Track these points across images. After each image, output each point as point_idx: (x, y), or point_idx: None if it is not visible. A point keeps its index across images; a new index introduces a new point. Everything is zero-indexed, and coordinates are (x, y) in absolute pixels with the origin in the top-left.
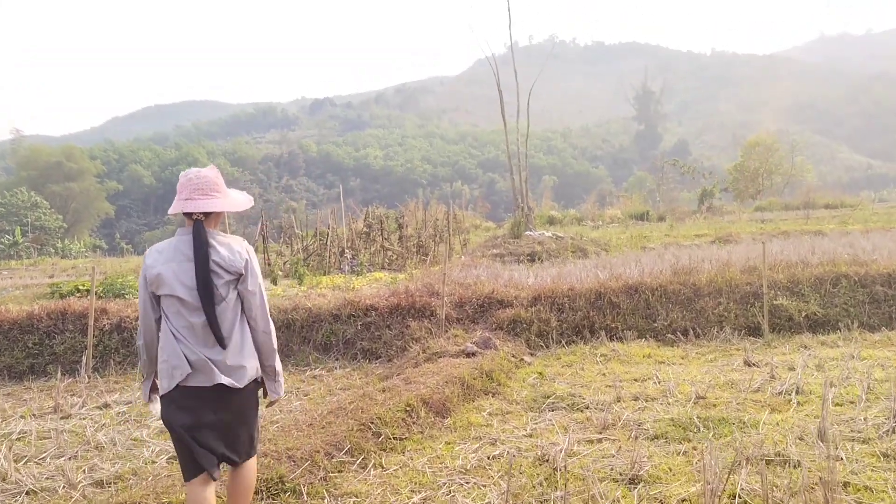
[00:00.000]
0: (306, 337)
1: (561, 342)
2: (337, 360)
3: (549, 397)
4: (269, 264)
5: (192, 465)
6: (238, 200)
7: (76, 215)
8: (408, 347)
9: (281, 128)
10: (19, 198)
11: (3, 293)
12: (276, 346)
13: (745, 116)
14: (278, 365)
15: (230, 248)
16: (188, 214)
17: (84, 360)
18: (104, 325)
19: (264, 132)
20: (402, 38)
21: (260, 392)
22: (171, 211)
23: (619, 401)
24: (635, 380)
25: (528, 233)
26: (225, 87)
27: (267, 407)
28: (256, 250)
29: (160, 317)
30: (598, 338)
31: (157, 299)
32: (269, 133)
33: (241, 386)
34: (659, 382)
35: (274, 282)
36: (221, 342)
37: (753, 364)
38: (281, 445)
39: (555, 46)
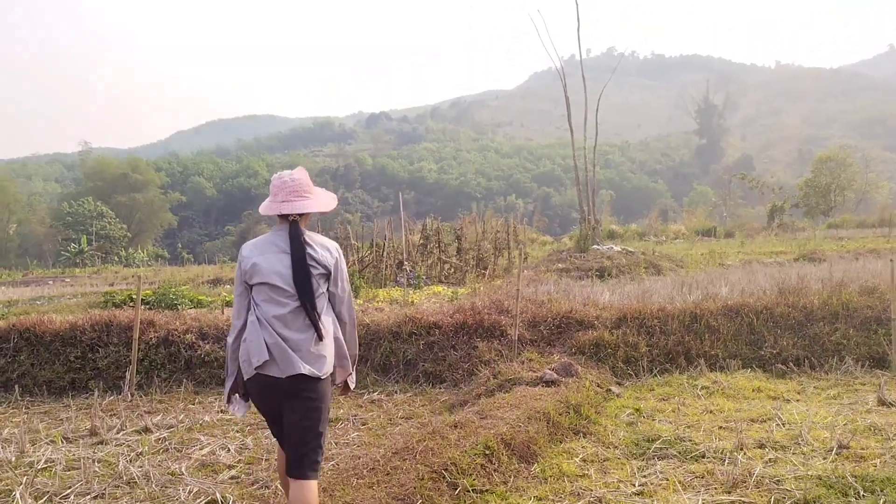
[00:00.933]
0: (364, 356)
1: (652, 371)
2: (397, 382)
3: (653, 441)
4: None
5: (278, 439)
6: (326, 200)
7: (140, 225)
8: (476, 371)
9: (338, 141)
10: (86, 207)
11: (59, 301)
12: (356, 337)
13: (811, 132)
14: (355, 356)
15: (323, 246)
16: (283, 215)
17: (127, 377)
18: (150, 338)
19: (322, 146)
20: (459, 52)
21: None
22: (264, 212)
23: (741, 448)
24: (752, 420)
25: (595, 247)
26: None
27: (340, 394)
28: None
29: (249, 309)
30: (695, 366)
31: (249, 290)
32: (326, 146)
33: (321, 375)
34: (783, 425)
35: None
36: (318, 329)
37: (891, 403)
38: (339, 499)
39: (614, 59)
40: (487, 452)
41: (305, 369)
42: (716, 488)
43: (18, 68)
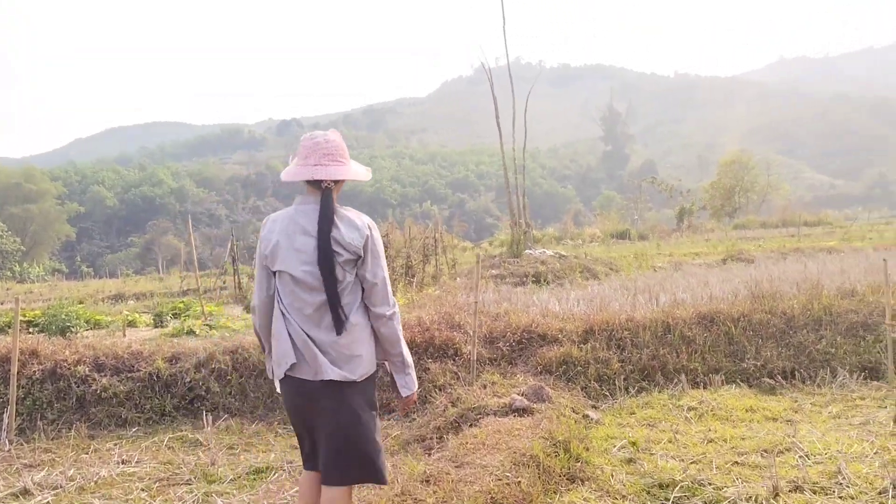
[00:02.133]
0: None
1: (629, 390)
2: None
3: (666, 486)
4: (240, 288)
5: (305, 457)
6: (362, 170)
7: (35, 238)
8: (430, 398)
9: (248, 149)
10: None
11: None
12: (401, 333)
13: (709, 138)
14: (407, 354)
15: (351, 223)
16: (314, 182)
17: (4, 421)
18: (33, 372)
19: (231, 153)
20: (371, 58)
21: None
22: (290, 177)
23: (776, 495)
24: (766, 451)
25: (528, 252)
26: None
27: (402, 412)
28: (225, 272)
29: (273, 294)
30: (675, 383)
31: (272, 275)
32: (235, 154)
33: (356, 378)
34: (808, 457)
35: (247, 309)
36: (340, 326)
37: None
38: None
39: (522, 68)
40: None
41: (335, 374)
42: None
43: None
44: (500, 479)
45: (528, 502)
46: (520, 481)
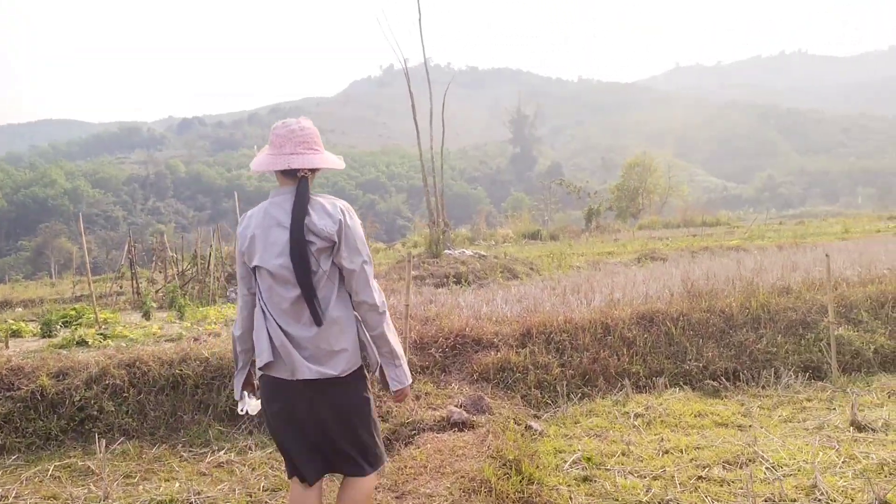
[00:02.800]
0: (202, 401)
1: (570, 397)
2: (251, 433)
3: None
4: (138, 293)
5: (290, 465)
6: (335, 159)
7: None
8: None
9: (147, 148)
10: None
11: None
12: (388, 322)
13: (611, 141)
14: (396, 345)
15: (323, 208)
16: (288, 172)
17: None
18: None
19: (129, 152)
20: (277, 57)
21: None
22: (261, 168)
23: None
24: (729, 462)
25: (447, 252)
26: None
27: (396, 402)
28: (122, 277)
29: (254, 292)
30: (618, 388)
31: (252, 273)
32: (134, 153)
33: (336, 373)
34: (774, 468)
35: (147, 316)
36: (317, 319)
37: (866, 426)
38: None
39: (431, 70)
40: None
41: (312, 373)
42: None
43: None
44: None
45: None
46: None
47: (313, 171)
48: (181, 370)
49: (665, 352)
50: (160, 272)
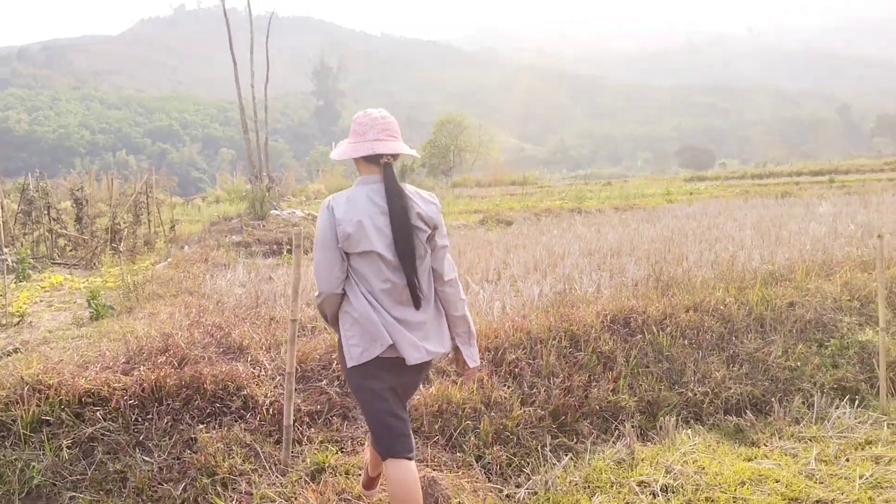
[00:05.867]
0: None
1: (548, 453)
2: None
3: None
4: None
5: (392, 441)
6: (408, 148)
7: None
8: None
9: None
10: None
11: None
12: (465, 298)
13: (416, 98)
14: (471, 322)
15: (422, 197)
16: (371, 158)
17: None
18: None
19: None
20: None
21: None
22: (347, 155)
23: None
24: None
25: (274, 212)
26: None
27: (464, 383)
28: None
29: (344, 278)
30: (609, 432)
31: (346, 256)
32: None
33: (445, 350)
34: None
35: None
36: (417, 303)
37: None
38: None
39: (227, 13)
40: None
41: (430, 350)
42: None
43: None
44: None
45: None
46: None
47: (395, 157)
48: None
49: (656, 372)
50: None
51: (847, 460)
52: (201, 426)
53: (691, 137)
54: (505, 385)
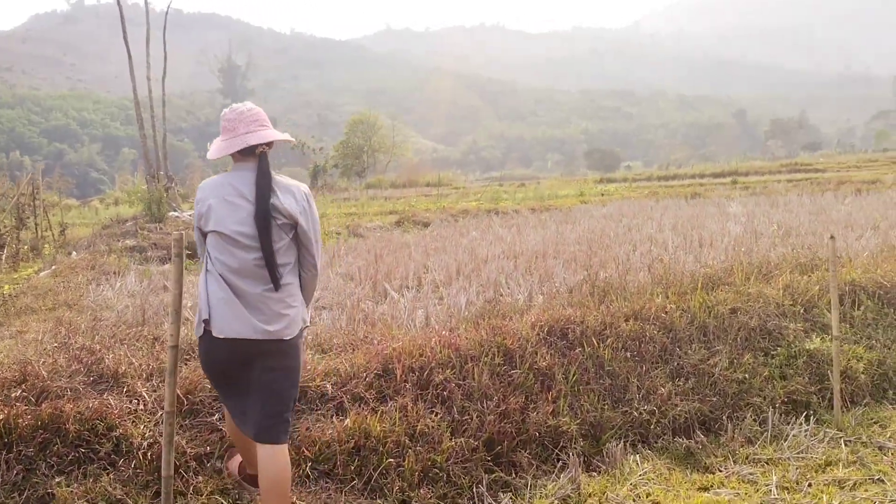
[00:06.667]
0: None
1: (475, 491)
2: None
3: None
4: None
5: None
6: (279, 133)
7: None
8: None
9: None
10: None
11: None
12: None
13: (327, 98)
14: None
15: (287, 190)
16: (245, 150)
17: None
18: None
19: None
20: None
21: None
22: (221, 153)
23: None
24: None
25: (173, 213)
26: None
27: None
28: None
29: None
30: (551, 462)
31: (203, 237)
32: None
33: (290, 338)
34: None
35: None
36: (276, 283)
37: None
38: None
39: (125, 9)
40: None
41: (261, 332)
42: None
43: None
44: None
45: None
46: None
47: (269, 145)
48: None
49: (598, 390)
50: None
51: (809, 485)
52: (60, 478)
53: (598, 140)
54: (432, 412)
